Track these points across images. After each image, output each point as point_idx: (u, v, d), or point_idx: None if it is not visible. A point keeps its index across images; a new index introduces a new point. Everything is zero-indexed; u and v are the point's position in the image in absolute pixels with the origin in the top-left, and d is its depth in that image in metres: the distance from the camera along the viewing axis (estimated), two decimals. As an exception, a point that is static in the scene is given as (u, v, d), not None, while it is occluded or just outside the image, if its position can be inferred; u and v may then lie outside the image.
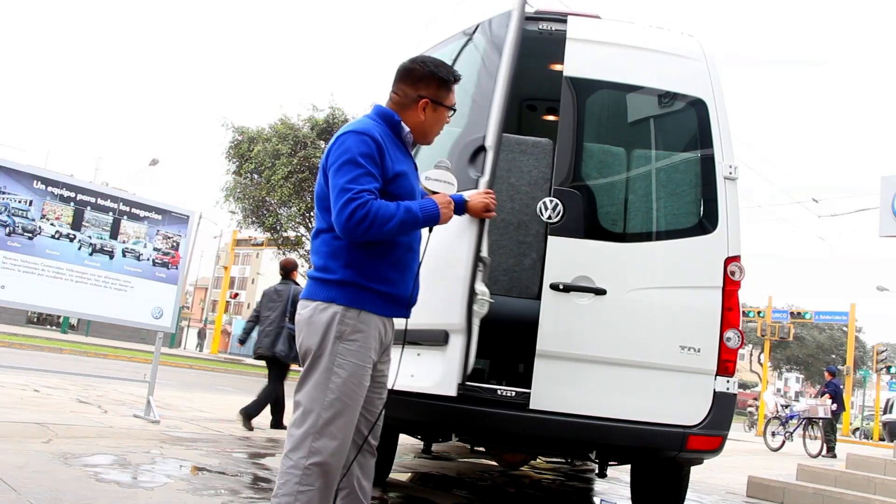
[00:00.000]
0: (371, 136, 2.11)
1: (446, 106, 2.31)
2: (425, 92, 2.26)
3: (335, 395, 2.04)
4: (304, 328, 2.12)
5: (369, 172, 2.06)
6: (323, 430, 2.02)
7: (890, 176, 8.86)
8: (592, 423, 3.04)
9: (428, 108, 2.27)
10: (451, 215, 2.28)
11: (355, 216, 1.99)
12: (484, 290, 2.88)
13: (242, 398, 10.84)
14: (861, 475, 5.67)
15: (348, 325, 2.08)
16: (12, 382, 7.65)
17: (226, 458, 4.42)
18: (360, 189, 2.02)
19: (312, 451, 2.01)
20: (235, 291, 47.16)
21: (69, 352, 16.62)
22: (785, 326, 31.34)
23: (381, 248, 2.13)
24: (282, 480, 2.03)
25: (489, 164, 2.86)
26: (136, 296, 5.91)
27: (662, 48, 3.47)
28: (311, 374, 2.08)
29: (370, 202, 2.01)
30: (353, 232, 2.01)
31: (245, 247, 36.51)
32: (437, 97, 2.28)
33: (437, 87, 2.28)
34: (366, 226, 2.00)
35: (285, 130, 20.53)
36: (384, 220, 2.02)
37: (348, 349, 2.07)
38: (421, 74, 2.27)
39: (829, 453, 12.14)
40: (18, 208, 5.31)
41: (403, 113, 2.27)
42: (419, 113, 2.27)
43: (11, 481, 3.03)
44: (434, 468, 5.05)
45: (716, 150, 3.30)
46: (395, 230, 2.06)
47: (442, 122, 2.34)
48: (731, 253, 3.20)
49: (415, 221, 2.12)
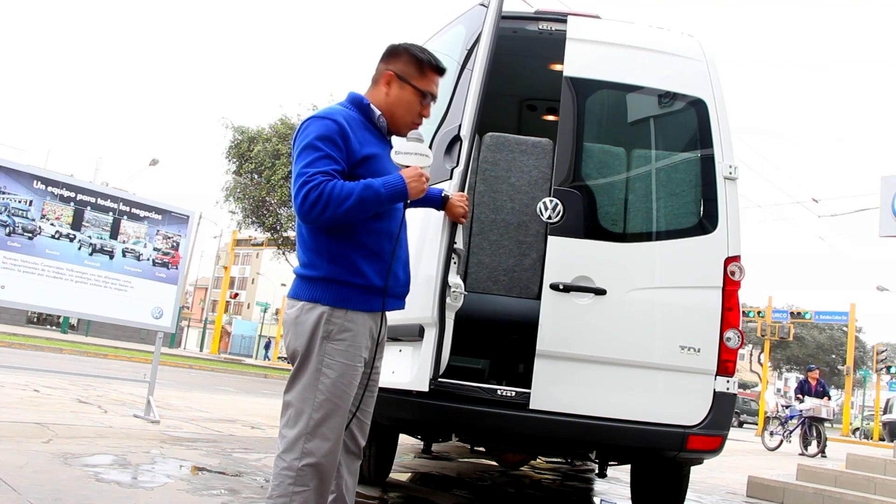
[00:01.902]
0: (333, 119, 2.03)
1: (413, 85, 2.16)
2: (393, 67, 2.17)
3: (325, 396, 2.01)
4: (291, 329, 2.09)
5: (328, 155, 1.98)
6: (315, 431, 2.00)
7: (890, 176, 8.86)
8: (592, 423, 3.04)
9: (393, 84, 2.16)
10: (422, 188, 2.09)
11: (308, 198, 1.92)
12: (458, 282, 2.87)
13: (242, 398, 10.87)
14: (861, 475, 5.67)
15: (335, 325, 2.04)
16: (12, 382, 7.65)
17: (226, 458, 4.42)
18: (315, 171, 1.94)
19: (305, 453, 1.99)
20: (235, 291, 47.20)
21: (69, 352, 16.62)
22: (785, 326, 31.34)
23: (358, 238, 2.06)
24: (276, 482, 2.01)
25: (464, 153, 2.86)
26: (136, 296, 5.91)
27: (662, 48, 3.47)
28: (300, 375, 2.05)
29: (323, 183, 1.92)
30: (310, 215, 1.94)
31: (245, 247, 36.50)
32: (404, 73, 2.16)
33: (406, 63, 2.17)
34: (320, 207, 1.92)
35: (285, 130, 20.52)
36: (340, 200, 1.92)
37: (336, 349, 2.04)
38: (394, 51, 2.20)
39: (823, 454, 12.21)
40: (18, 208, 5.31)
41: (373, 92, 2.18)
42: (382, 87, 2.16)
43: (11, 481, 3.03)
44: (434, 468, 5.05)
45: (716, 150, 3.30)
46: (356, 209, 1.95)
47: (409, 104, 2.18)
48: (731, 253, 3.20)
49: (376, 198, 1.98)
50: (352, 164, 2.04)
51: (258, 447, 5.20)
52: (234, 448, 4.96)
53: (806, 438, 12.61)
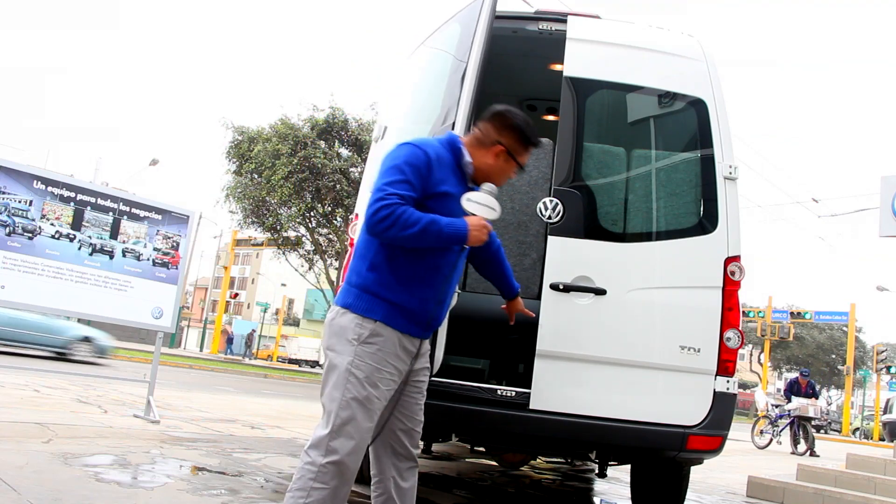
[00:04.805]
0: (424, 150, 2.18)
1: (517, 161, 2.37)
2: (505, 140, 2.33)
3: (351, 395, 2.10)
4: (326, 330, 2.23)
5: (408, 180, 2.12)
6: (340, 430, 2.08)
7: (890, 176, 8.86)
8: (592, 423, 3.04)
9: (501, 156, 2.33)
10: (482, 238, 2.20)
11: (379, 213, 2.05)
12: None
13: (243, 398, 10.87)
14: (861, 475, 5.67)
15: (367, 329, 2.15)
16: (12, 382, 7.65)
17: (226, 458, 4.42)
18: (393, 192, 2.08)
19: (329, 450, 2.07)
20: (235, 291, 47.15)
21: (69, 352, 16.59)
22: (785, 326, 31.36)
23: (404, 258, 2.17)
24: (298, 475, 2.09)
25: None
26: (136, 296, 5.91)
27: (662, 48, 3.47)
28: (330, 376, 2.16)
29: (396, 205, 2.06)
30: (375, 228, 2.07)
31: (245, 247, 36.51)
32: (514, 150, 2.34)
33: (516, 140, 2.34)
34: (386, 224, 2.05)
35: (285, 130, 20.51)
36: (406, 225, 2.05)
37: (366, 351, 2.13)
38: (508, 123, 2.34)
39: (812, 452, 12.31)
40: (18, 208, 5.31)
41: (477, 149, 2.34)
42: (491, 156, 2.33)
43: (11, 481, 3.03)
44: (434, 468, 5.05)
45: (716, 150, 3.30)
46: (417, 237, 2.08)
47: (507, 175, 2.39)
48: (731, 253, 3.20)
49: (437, 234, 2.11)
50: (426, 195, 2.17)
51: (258, 447, 5.20)
52: (234, 448, 4.96)
53: (796, 437, 12.82)
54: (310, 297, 52.62)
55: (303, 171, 19.93)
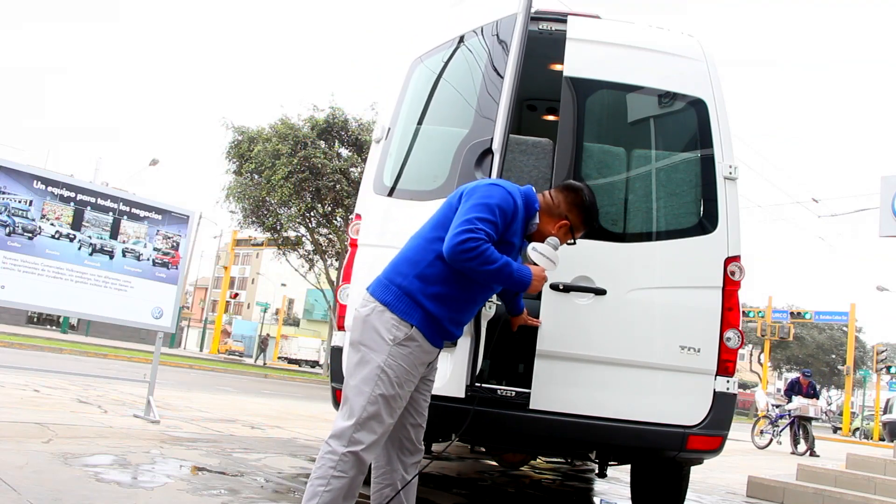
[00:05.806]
0: (516, 200, 2.37)
1: (573, 236, 2.59)
2: (572, 217, 2.54)
3: (381, 392, 2.20)
4: (361, 325, 2.30)
5: (495, 223, 2.28)
6: (364, 423, 2.18)
7: (890, 176, 8.86)
8: (592, 423, 3.04)
9: (563, 229, 2.53)
10: (539, 288, 2.48)
11: (467, 244, 2.19)
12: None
13: (243, 398, 10.88)
14: (861, 475, 5.67)
15: (402, 332, 2.25)
16: (12, 382, 7.65)
17: (226, 458, 4.42)
18: (482, 228, 2.23)
19: (352, 441, 2.17)
20: (235, 291, 47.21)
21: (69, 352, 16.63)
22: (785, 326, 31.37)
23: (456, 282, 2.29)
24: (318, 464, 2.18)
25: (496, 167, 2.88)
26: (136, 296, 5.91)
27: (662, 48, 3.46)
28: (360, 370, 2.24)
29: (483, 241, 2.22)
30: (457, 255, 2.20)
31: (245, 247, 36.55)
32: (576, 227, 2.57)
33: (582, 219, 2.56)
34: (470, 256, 2.19)
35: (285, 130, 20.52)
36: (486, 261, 2.21)
37: (402, 353, 2.24)
38: (580, 203, 2.54)
39: (813, 454, 12.33)
40: (18, 208, 5.31)
41: (544, 215, 2.53)
42: (554, 225, 2.53)
43: (11, 481, 3.03)
44: (434, 468, 5.05)
45: (716, 150, 3.30)
46: (490, 274, 2.24)
47: (563, 240, 2.57)
48: (731, 253, 3.20)
49: (508, 276, 2.29)
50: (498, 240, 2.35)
51: (258, 447, 5.20)
52: (234, 448, 4.96)
53: (796, 437, 12.81)
54: (310, 298, 52.63)
55: (303, 171, 19.93)
